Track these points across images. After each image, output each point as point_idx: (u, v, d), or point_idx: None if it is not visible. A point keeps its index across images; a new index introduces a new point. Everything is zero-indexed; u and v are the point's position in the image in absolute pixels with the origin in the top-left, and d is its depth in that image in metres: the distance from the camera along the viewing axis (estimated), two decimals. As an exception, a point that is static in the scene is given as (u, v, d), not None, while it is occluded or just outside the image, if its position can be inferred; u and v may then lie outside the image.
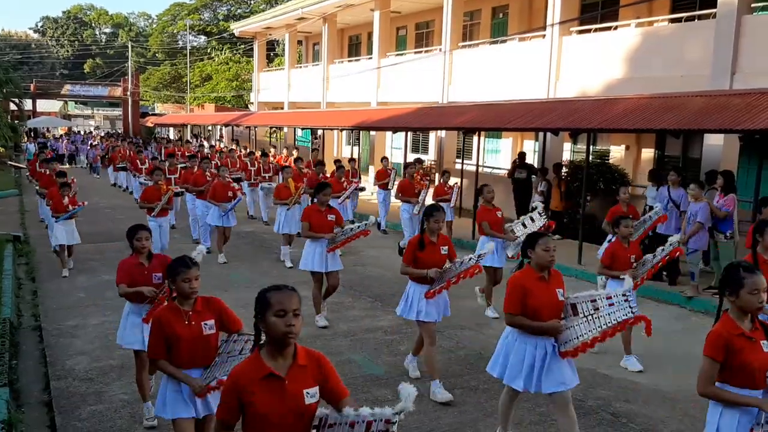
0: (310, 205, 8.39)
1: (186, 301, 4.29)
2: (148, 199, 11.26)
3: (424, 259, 6.16)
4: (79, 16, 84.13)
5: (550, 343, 4.79)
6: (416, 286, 6.30)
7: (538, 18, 19.50)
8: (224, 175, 12.51)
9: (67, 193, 10.89)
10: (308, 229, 8.18)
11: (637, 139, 16.01)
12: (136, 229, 5.64)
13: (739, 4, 12.02)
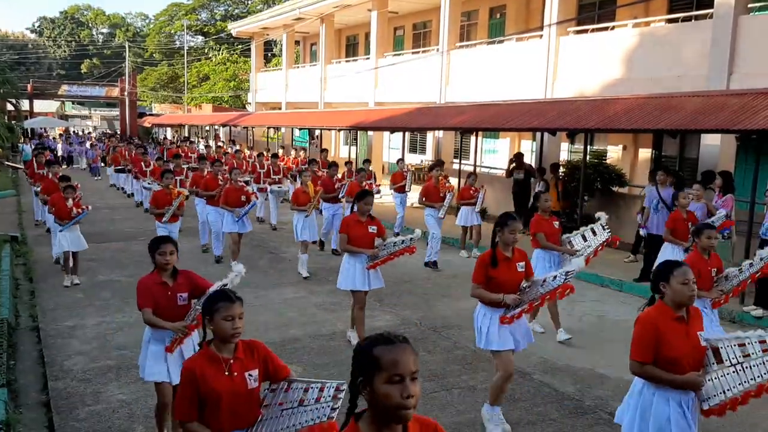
0: (349, 215, 7.53)
1: (226, 345, 3.48)
2: (158, 205, 10.59)
3: (498, 278, 5.36)
4: (76, 16, 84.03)
5: (691, 398, 3.91)
6: (487, 311, 5.49)
7: (535, 18, 19.53)
8: (237, 178, 11.67)
9: (70, 196, 10.20)
10: (347, 242, 7.31)
11: (635, 139, 16.04)
12: (160, 242, 4.88)
13: (736, 5, 12.05)
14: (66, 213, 10.08)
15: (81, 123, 67.03)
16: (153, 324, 4.78)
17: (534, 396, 6.28)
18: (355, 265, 7.40)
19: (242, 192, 11.39)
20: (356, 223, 7.38)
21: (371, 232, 7.42)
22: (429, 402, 6.08)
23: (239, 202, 11.23)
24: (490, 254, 5.40)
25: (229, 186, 11.50)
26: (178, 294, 4.81)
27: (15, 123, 36.70)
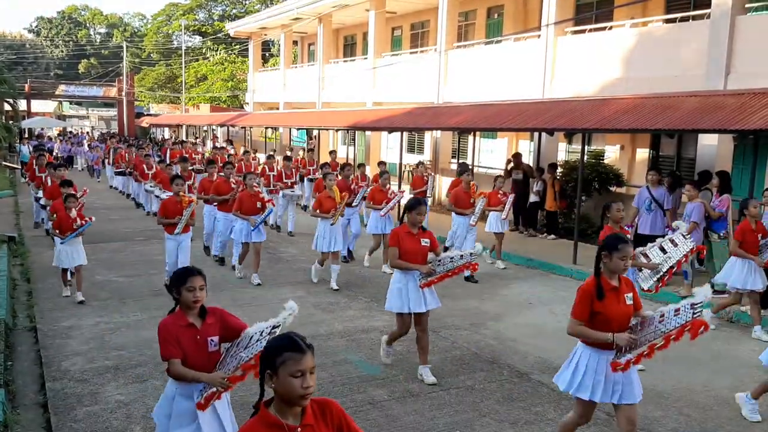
0: (399, 226, 6.74)
1: (291, 408, 2.67)
2: (168, 214, 9.51)
3: (605, 313, 4.48)
4: (74, 16, 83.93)
5: None
6: (592, 353, 4.61)
7: (533, 18, 19.54)
8: (252, 183, 10.67)
9: (73, 206, 9.31)
10: (398, 257, 6.52)
11: (632, 139, 16.05)
12: (187, 275, 4.00)
13: (734, 5, 12.06)
14: (68, 225, 9.23)
15: (78, 123, 67.01)
16: (184, 377, 3.95)
17: (531, 395, 6.29)
18: (407, 283, 6.54)
19: (257, 198, 10.59)
20: (407, 236, 6.56)
21: (424, 245, 6.58)
22: (426, 402, 6.09)
23: (254, 209, 10.45)
24: (594, 284, 4.54)
25: (244, 192, 10.69)
26: (208, 338, 4.00)
27: (12, 123, 36.62)
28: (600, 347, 4.57)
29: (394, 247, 6.51)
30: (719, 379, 6.84)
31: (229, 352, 4.01)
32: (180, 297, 4.01)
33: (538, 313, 9.26)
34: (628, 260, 4.57)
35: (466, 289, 10.49)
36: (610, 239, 4.62)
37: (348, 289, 10.33)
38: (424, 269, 6.46)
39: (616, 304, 4.52)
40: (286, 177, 15.71)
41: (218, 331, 4.04)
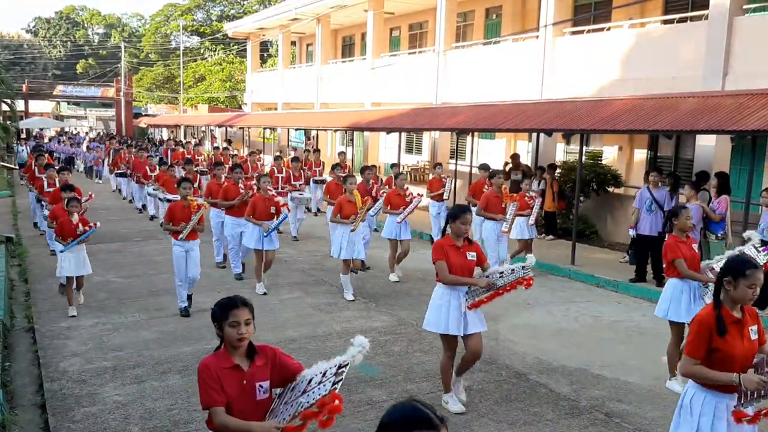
0: (443, 237, 5.98)
1: None
2: (175, 220, 8.74)
3: (726, 350, 3.72)
4: (72, 16, 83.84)
5: None
6: (708, 397, 3.83)
7: (531, 19, 19.56)
8: (266, 186, 10.07)
9: (75, 210, 8.72)
10: (450, 271, 5.69)
11: (630, 139, 16.08)
12: (229, 307, 3.39)
13: (731, 6, 12.08)
14: (71, 231, 8.62)
15: (76, 123, 66.96)
16: (228, 428, 3.32)
17: (530, 396, 6.29)
18: (450, 301, 5.78)
19: (272, 203, 9.96)
20: (452, 249, 5.78)
21: (470, 260, 5.82)
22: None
23: (268, 214, 9.83)
24: (713, 316, 3.76)
25: (257, 196, 10.07)
26: (257, 383, 3.42)
27: (10, 123, 36.58)
28: (719, 390, 3.80)
29: (441, 261, 5.70)
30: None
31: (282, 398, 3.49)
32: (221, 332, 3.40)
33: (536, 313, 9.27)
34: (757, 289, 3.79)
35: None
36: (736, 263, 3.84)
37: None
38: (483, 282, 5.76)
39: (740, 339, 3.77)
40: (294, 179, 15.20)
41: (269, 374, 3.48)
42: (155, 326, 8.30)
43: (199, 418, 5.72)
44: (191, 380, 6.55)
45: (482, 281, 5.75)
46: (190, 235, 8.73)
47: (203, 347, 7.52)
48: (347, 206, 9.74)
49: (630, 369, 7.08)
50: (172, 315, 8.76)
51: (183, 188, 9.01)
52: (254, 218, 9.78)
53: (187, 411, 5.86)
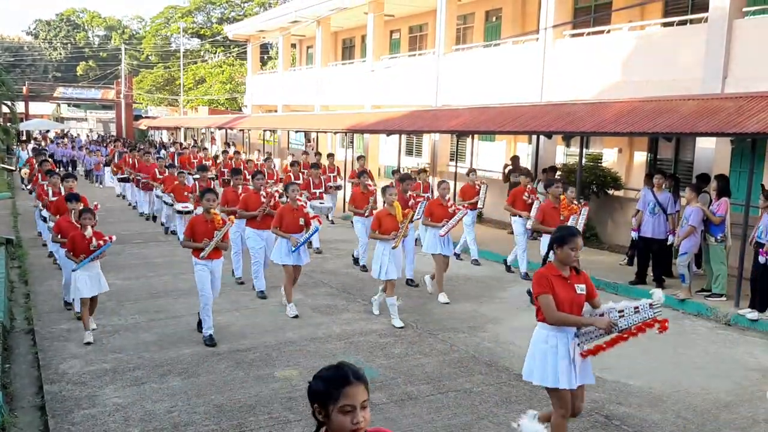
0: (545, 266, 4.88)
1: None
2: (196, 236, 7.74)
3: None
4: (72, 18, 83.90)
5: None
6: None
7: (531, 21, 19.57)
8: (295, 196, 9.11)
9: (89, 223, 7.84)
10: (555, 308, 4.70)
11: (630, 142, 16.08)
12: (341, 383, 2.44)
13: (731, 9, 12.09)
14: (84, 246, 7.73)
15: (76, 125, 66.99)
16: None
17: (530, 399, 6.29)
18: (557, 346, 4.80)
19: (301, 214, 9.08)
20: (558, 280, 4.77)
21: (580, 294, 4.81)
22: (424, 405, 6.09)
23: (297, 226, 8.93)
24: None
25: (285, 206, 9.17)
26: None
27: (10, 125, 36.57)
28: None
29: (547, 296, 4.71)
30: (717, 383, 6.85)
31: None
32: (329, 419, 2.45)
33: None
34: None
35: (464, 292, 10.49)
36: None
37: (345, 292, 10.32)
38: (603, 323, 4.74)
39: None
40: (314, 186, 14.14)
41: None
42: (155, 328, 8.29)
43: (198, 421, 5.72)
44: (191, 382, 6.56)
45: (601, 321, 4.76)
46: (213, 253, 7.74)
47: (203, 349, 7.52)
48: (387, 220, 8.59)
49: (630, 372, 7.08)
50: (171, 317, 8.76)
51: (206, 200, 7.88)
52: (281, 231, 8.88)
53: (187, 413, 5.85)
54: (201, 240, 7.71)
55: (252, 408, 5.97)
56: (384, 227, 8.62)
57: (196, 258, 7.77)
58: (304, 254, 9.04)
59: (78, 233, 7.82)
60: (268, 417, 5.79)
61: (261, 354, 7.42)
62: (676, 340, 8.22)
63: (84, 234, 7.78)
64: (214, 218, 7.83)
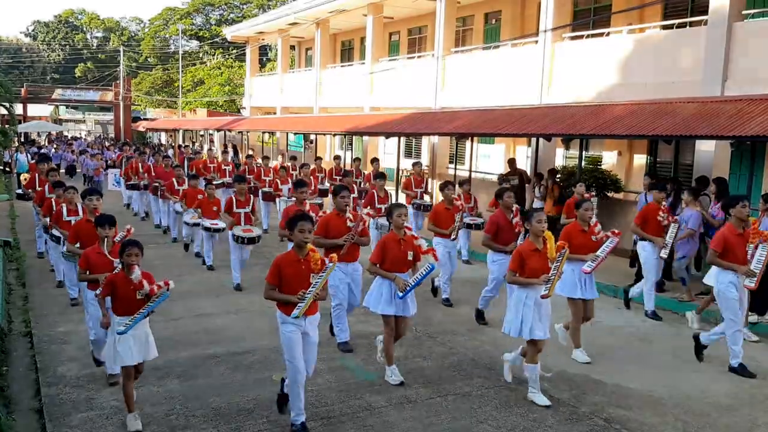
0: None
1: None
2: (287, 284, 5.55)
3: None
4: (71, 20, 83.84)
5: None
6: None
7: (530, 24, 19.57)
8: (401, 222, 6.81)
9: (134, 262, 5.59)
10: None
11: (630, 145, 16.07)
12: None
13: (731, 11, 12.09)
14: (129, 297, 5.61)
15: (75, 127, 66.99)
16: None
17: (529, 402, 6.26)
18: None
19: (410, 246, 6.77)
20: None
21: None
22: (424, 408, 6.07)
23: (404, 263, 6.73)
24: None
25: (390, 235, 6.83)
26: None
27: (8, 127, 36.46)
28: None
29: None
30: (716, 386, 6.83)
31: None
32: None
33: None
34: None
35: (464, 295, 10.46)
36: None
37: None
38: None
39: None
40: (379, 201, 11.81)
41: None
42: (153, 331, 8.22)
43: (196, 424, 5.70)
44: (189, 385, 6.53)
45: None
46: (310, 308, 5.55)
47: (201, 352, 7.50)
48: (533, 259, 6.36)
49: (630, 375, 7.06)
50: (170, 320, 8.73)
51: (300, 229, 5.52)
52: (385, 268, 6.71)
53: (185, 416, 5.83)
54: (295, 291, 5.46)
55: (250, 411, 5.94)
56: (530, 267, 6.30)
57: (284, 313, 5.58)
58: (412, 302, 6.80)
59: (118, 276, 5.69)
60: (266, 421, 5.77)
61: (259, 357, 7.40)
62: (675, 343, 8.21)
63: (129, 277, 5.57)
64: (311, 257, 5.56)
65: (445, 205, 9.67)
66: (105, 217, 6.60)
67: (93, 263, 6.36)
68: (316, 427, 5.61)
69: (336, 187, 7.92)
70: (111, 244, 6.44)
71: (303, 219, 5.58)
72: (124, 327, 5.50)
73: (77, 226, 7.80)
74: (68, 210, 9.14)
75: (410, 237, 6.85)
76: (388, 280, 6.65)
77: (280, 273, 5.54)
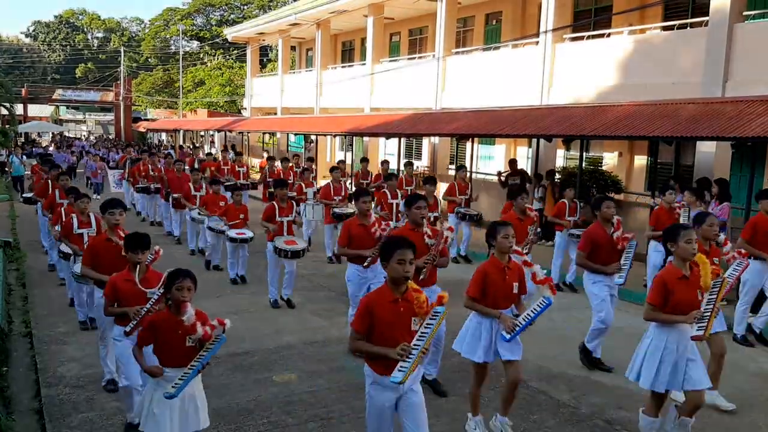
0: None
1: None
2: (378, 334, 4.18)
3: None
4: (71, 20, 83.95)
5: None
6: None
7: (531, 25, 19.58)
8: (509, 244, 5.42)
9: (187, 298, 4.34)
10: None
11: (630, 145, 16.08)
12: None
13: (731, 12, 12.09)
14: (178, 347, 4.30)
15: (75, 127, 67.04)
16: None
17: (530, 404, 6.26)
18: None
19: (516, 276, 5.46)
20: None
21: None
22: (425, 409, 6.05)
23: (510, 296, 5.44)
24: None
25: (491, 262, 5.50)
26: None
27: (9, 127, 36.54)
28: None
29: None
30: (719, 388, 6.81)
31: None
32: None
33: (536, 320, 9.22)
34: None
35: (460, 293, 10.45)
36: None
37: (344, 295, 10.24)
38: None
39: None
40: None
41: None
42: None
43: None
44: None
45: None
46: None
47: (202, 353, 7.48)
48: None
49: (630, 376, 7.03)
50: (170, 320, 8.71)
51: (400, 260, 4.13)
52: (486, 306, 5.41)
53: (185, 417, 5.81)
54: (390, 339, 4.09)
55: (250, 412, 5.93)
56: (676, 300, 4.97)
57: (376, 372, 4.18)
58: (517, 346, 5.39)
59: (162, 317, 4.40)
60: (266, 421, 5.76)
61: (259, 358, 7.38)
62: (676, 345, 8.18)
63: (179, 318, 4.28)
64: (412, 296, 4.24)
65: (516, 215, 8.49)
66: (138, 239, 5.28)
67: (122, 294, 5.21)
68: (315, 428, 5.61)
69: (410, 198, 6.48)
70: (144, 270, 5.30)
71: (402, 246, 4.16)
72: (173, 389, 4.12)
73: (94, 246, 6.36)
74: (80, 222, 8.01)
75: (516, 264, 5.53)
76: (488, 318, 5.40)
77: (372, 317, 4.16)
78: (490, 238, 5.52)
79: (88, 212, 8.05)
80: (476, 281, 5.45)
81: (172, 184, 13.95)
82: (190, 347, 4.29)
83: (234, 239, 10.51)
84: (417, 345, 4.05)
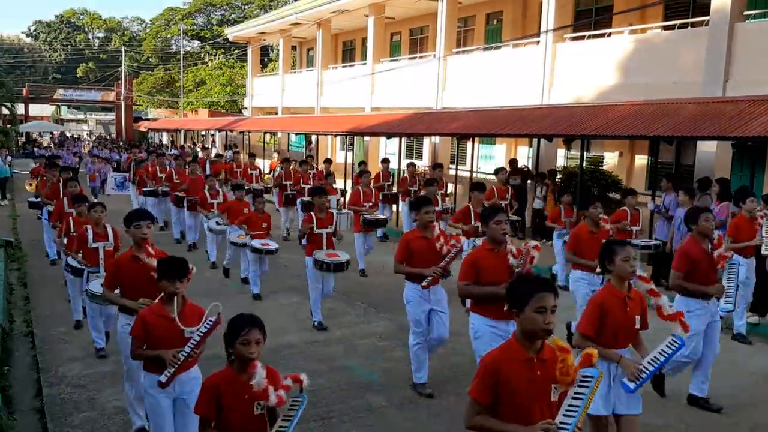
0: None
1: None
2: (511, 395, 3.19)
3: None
4: (72, 20, 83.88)
5: None
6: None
7: (532, 25, 19.58)
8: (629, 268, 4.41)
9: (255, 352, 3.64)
10: None
11: (631, 145, 16.08)
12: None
13: (732, 12, 12.09)
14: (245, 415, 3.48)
15: (76, 127, 67.07)
16: None
17: (531, 403, 6.25)
18: None
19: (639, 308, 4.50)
20: None
21: None
22: (424, 409, 6.06)
23: (631, 332, 4.47)
24: None
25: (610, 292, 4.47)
26: None
27: (10, 127, 36.54)
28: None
29: None
30: (719, 387, 6.81)
31: None
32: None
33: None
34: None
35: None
36: None
37: (346, 295, 10.28)
38: None
39: None
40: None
41: None
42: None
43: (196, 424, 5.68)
44: (190, 385, 6.52)
45: None
46: None
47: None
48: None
49: (631, 375, 7.03)
50: (171, 320, 8.72)
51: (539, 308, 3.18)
52: (605, 344, 4.34)
53: (186, 416, 5.82)
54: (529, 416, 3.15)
55: (252, 411, 5.93)
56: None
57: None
58: (637, 400, 4.57)
59: (225, 379, 3.57)
60: (267, 421, 5.76)
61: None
62: (677, 344, 8.18)
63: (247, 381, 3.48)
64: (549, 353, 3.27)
65: (589, 227, 7.66)
66: (175, 264, 4.27)
67: (155, 333, 4.17)
68: (315, 427, 5.61)
69: (486, 211, 5.75)
70: (181, 302, 4.29)
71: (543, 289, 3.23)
72: None
73: (119, 265, 5.42)
74: (95, 234, 7.04)
75: (638, 293, 4.52)
76: (605, 361, 4.32)
77: (498, 383, 3.18)
78: (605, 260, 4.47)
79: (103, 223, 7.06)
80: (590, 315, 4.35)
81: (191, 187, 13.04)
82: (259, 416, 3.40)
83: (258, 250, 9.49)
84: (565, 425, 3.02)
